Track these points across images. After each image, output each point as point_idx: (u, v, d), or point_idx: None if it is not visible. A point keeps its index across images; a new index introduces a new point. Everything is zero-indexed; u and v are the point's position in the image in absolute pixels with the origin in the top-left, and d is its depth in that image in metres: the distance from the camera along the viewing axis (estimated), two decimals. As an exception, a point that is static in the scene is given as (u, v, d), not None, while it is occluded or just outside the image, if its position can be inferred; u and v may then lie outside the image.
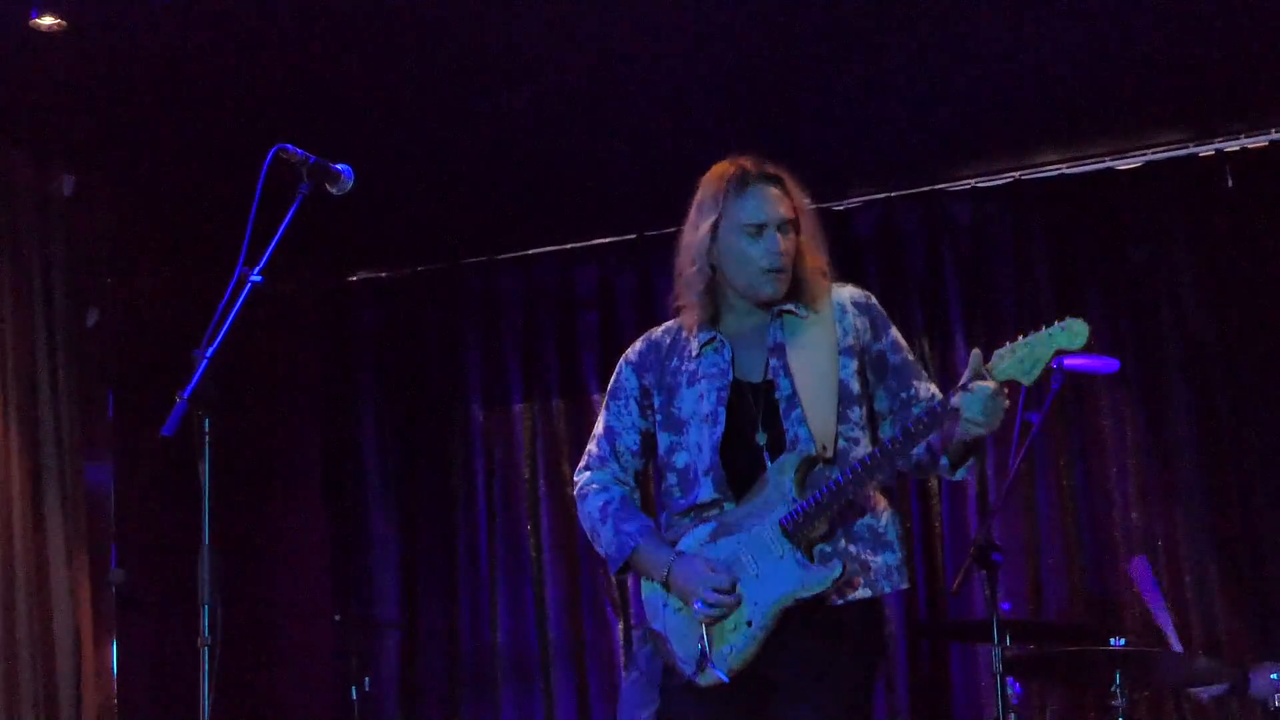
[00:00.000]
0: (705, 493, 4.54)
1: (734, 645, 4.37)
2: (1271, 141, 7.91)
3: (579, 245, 9.15)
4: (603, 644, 8.74)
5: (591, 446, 4.85)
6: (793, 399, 4.46)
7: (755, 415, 4.50)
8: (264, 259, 4.07)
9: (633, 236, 8.98)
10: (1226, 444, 7.84)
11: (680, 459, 4.60)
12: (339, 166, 4.29)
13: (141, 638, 7.91)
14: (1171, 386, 7.96)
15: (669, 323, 4.76)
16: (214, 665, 3.80)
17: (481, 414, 9.33)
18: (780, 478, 4.39)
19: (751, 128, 7.74)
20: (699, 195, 4.64)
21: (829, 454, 4.40)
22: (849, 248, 8.60)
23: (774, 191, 4.57)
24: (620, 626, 8.71)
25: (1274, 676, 5.94)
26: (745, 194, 4.54)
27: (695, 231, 4.60)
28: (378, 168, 5.39)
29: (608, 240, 9.07)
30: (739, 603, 4.36)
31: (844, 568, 4.29)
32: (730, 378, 4.55)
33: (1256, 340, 7.83)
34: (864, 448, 4.45)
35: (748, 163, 4.61)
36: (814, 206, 4.79)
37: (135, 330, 8.03)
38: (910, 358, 4.71)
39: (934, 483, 8.32)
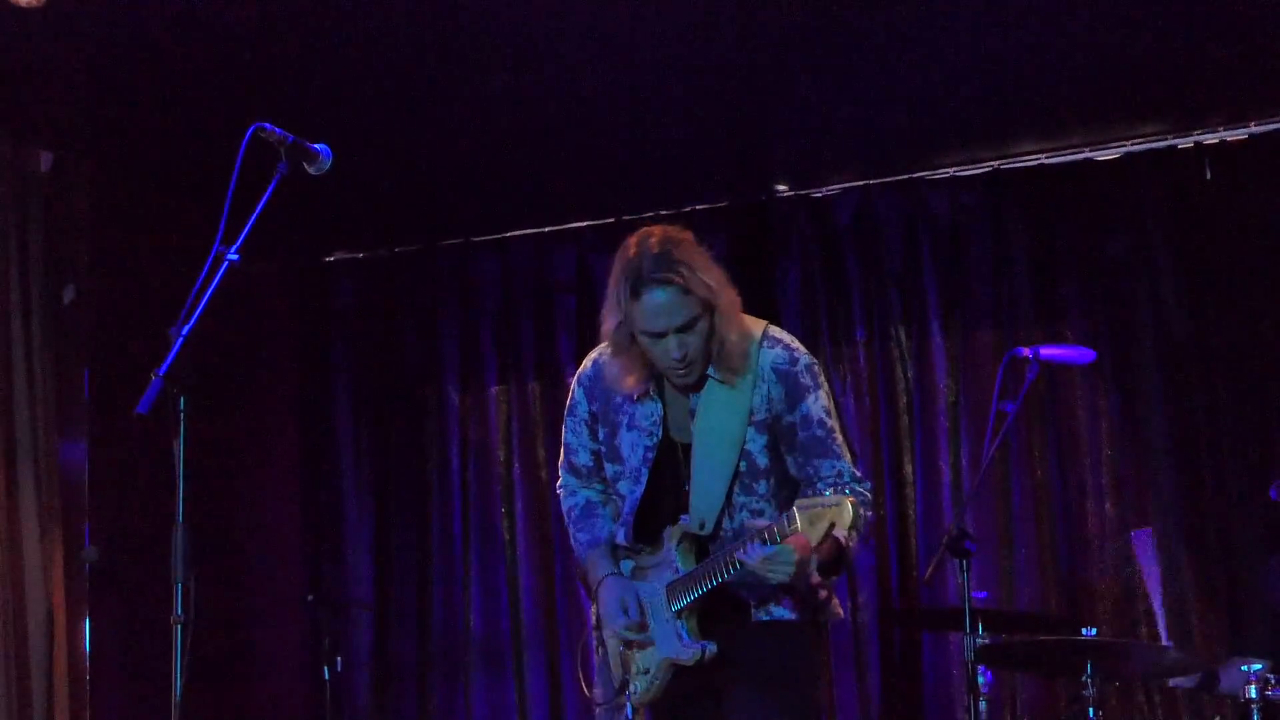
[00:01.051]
0: (621, 538, 4.76)
1: (638, 686, 4.61)
2: (1250, 135, 7.92)
3: (556, 229, 9.15)
4: (575, 627, 8.74)
5: (563, 448, 5.03)
6: (689, 471, 4.58)
7: (677, 475, 4.64)
8: (241, 238, 4.06)
9: (611, 220, 8.97)
10: (1201, 435, 7.86)
11: (621, 485, 4.79)
12: (317, 146, 4.28)
13: (114, 615, 7.89)
14: (1147, 378, 7.98)
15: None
16: (186, 643, 3.80)
17: (457, 396, 9.33)
18: (670, 543, 4.56)
19: (730, 114, 7.74)
20: (611, 279, 4.56)
21: (706, 531, 4.52)
22: (827, 236, 8.62)
23: (668, 297, 4.41)
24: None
25: (1244, 669, 5.95)
26: (640, 301, 4.43)
27: (609, 319, 4.58)
28: (356, 148, 5.38)
29: (585, 224, 9.06)
30: (650, 643, 4.60)
31: (704, 651, 4.45)
32: (658, 438, 4.64)
33: (1233, 333, 7.85)
34: (769, 517, 4.43)
35: (643, 260, 4.43)
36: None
37: (112, 308, 8.00)
38: (820, 432, 4.60)
39: (908, 470, 8.34)
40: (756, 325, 4.64)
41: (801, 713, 4.59)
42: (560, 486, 5.09)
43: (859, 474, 4.67)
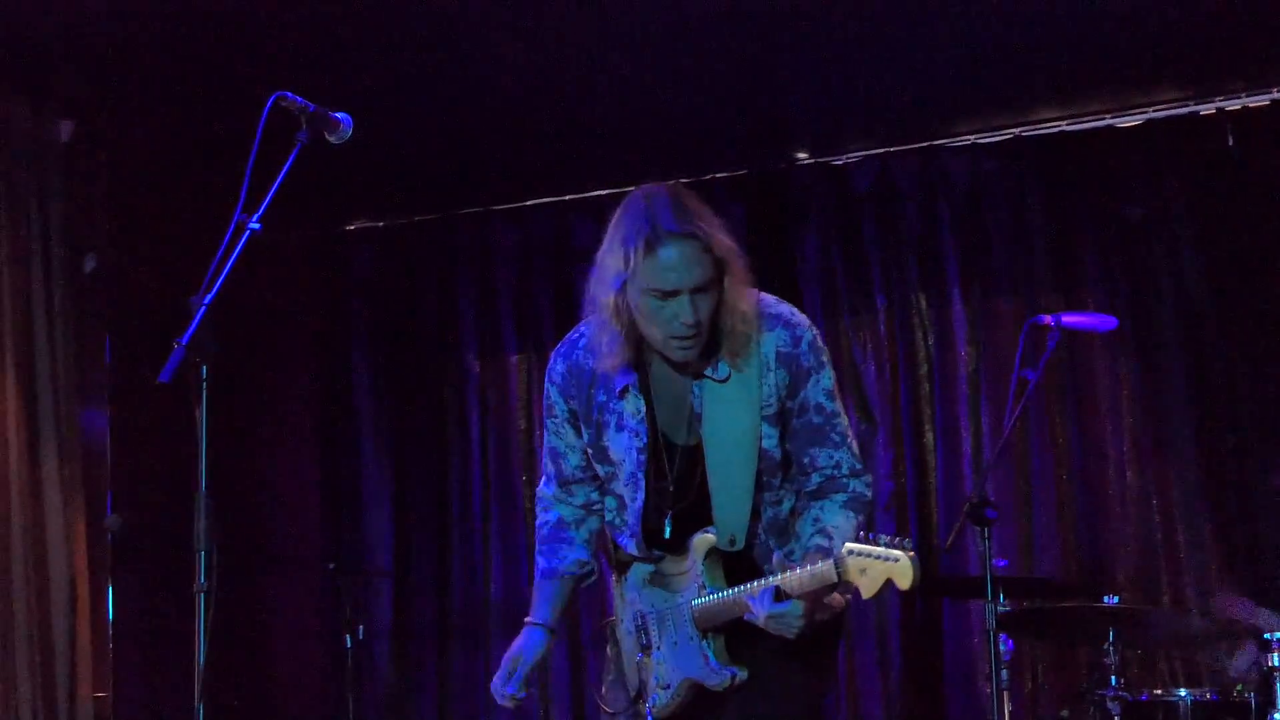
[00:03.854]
0: (631, 549, 4.43)
1: (657, 697, 4.35)
2: (1273, 101, 7.88)
3: (575, 197, 9.14)
4: (595, 595, 8.74)
5: (543, 457, 4.70)
6: (707, 481, 4.22)
7: (676, 478, 4.29)
8: (262, 207, 4.05)
9: (630, 189, 8.93)
10: (1221, 402, 7.85)
11: (616, 487, 4.42)
12: (338, 115, 4.27)
13: (136, 583, 7.93)
14: (1168, 345, 7.96)
15: (587, 335, 4.40)
16: (209, 612, 3.80)
17: (477, 364, 9.34)
18: (696, 556, 4.24)
19: (749, 81, 7.72)
20: (611, 233, 4.24)
21: (737, 547, 4.19)
22: (846, 203, 8.61)
23: (689, 252, 4.02)
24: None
25: (1267, 635, 5.95)
26: (655, 255, 4.02)
27: (603, 279, 4.21)
28: (376, 117, 5.36)
29: (604, 192, 9.04)
30: (663, 662, 4.37)
31: (735, 677, 4.18)
32: (646, 439, 4.28)
33: (1253, 300, 7.83)
34: (787, 505, 4.30)
35: (659, 211, 4.10)
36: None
37: (132, 277, 8.02)
38: (818, 419, 4.25)
39: (929, 438, 8.33)
40: (752, 298, 4.20)
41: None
42: (537, 498, 4.74)
43: (859, 465, 4.31)
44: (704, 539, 4.21)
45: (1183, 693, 6.15)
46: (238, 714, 8.35)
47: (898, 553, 3.84)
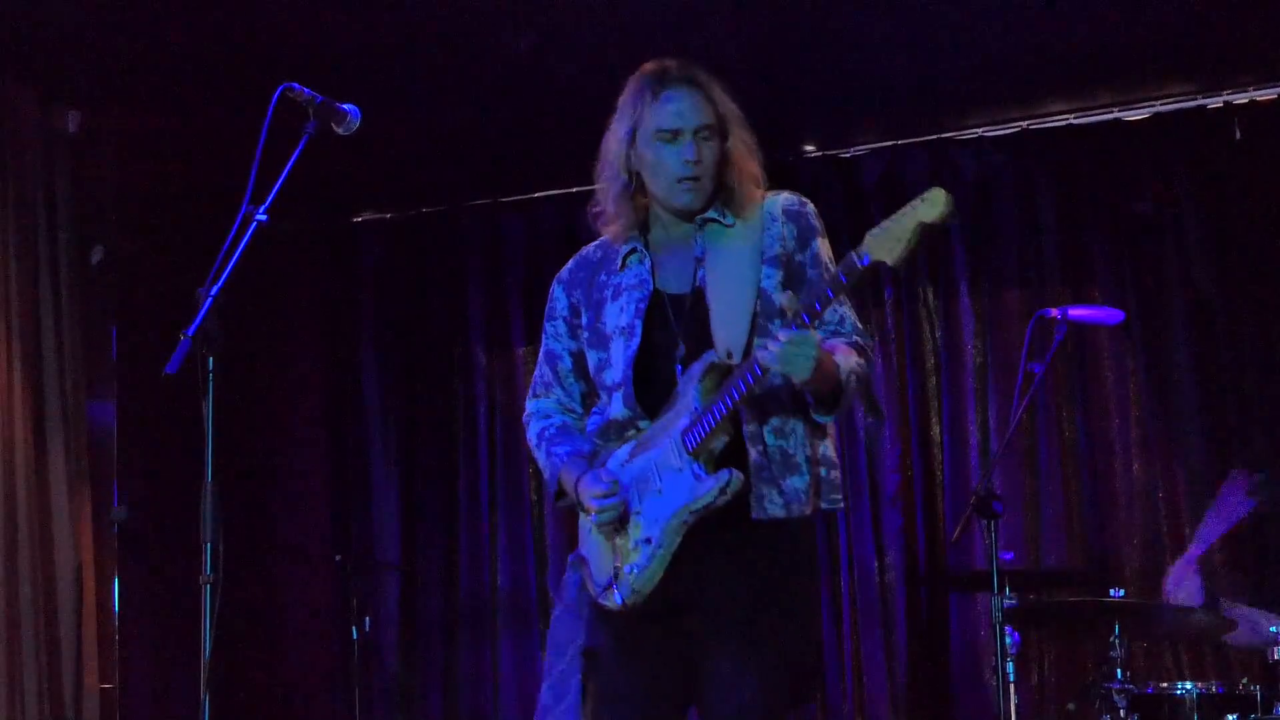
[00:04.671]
0: (616, 409, 4.33)
1: (635, 564, 4.18)
2: (1280, 94, 7.89)
3: (584, 189, 9.09)
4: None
5: (536, 371, 4.70)
6: (708, 307, 4.20)
7: (676, 327, 4.25)
8: (269, 198, 4.06)
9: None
10: (1229, 396, 7.85)
11: (607, 376, 4.37)
12: (345, 106, 4.28)
13: (143, 575, 7.94)
14: (1175, 338, 7.96)
15: (604, 236, 4.58)
16: (215, 603, 3.81)
17: (484, 356, 9.33)
18: (687, 387, 4.14)
19: (757, 72, 7.71)
20: (622, 100, 4.47)
21: (734, 360, 4.10)
22: (854, 196, 8.60)
23: (693, 95, 4.29)
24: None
25: (1273, 629, 5.95)
26: (661, 98, 4.30)
27: (613, 137, 4.48)
28: (383, 108, 5.37)
29: (612, 184, 9.05)
30: (622, 506, 4.18)
31: (731, 476, 4.01)
32: (650, 289, 4.31)
33: (1260, 292, 7.83)
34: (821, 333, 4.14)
35: (669, 63, 4.37)
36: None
37: (139, 268, 8.03)
38: (827, 275, 4.19)
39: (935, 431, 8.33)
40: (757, 169, 4.41)
41: (786, 663, 4.12)
42: (529, 413, 4.71)
43: (861, 326, 4.30)
44: (695, 367, 4.15)
45: (1189, 685, 6.14)
46: (244, 706, 8.37)
47: (920, 197, 3.86)
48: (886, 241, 3.87)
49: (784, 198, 4.37)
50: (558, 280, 4.64)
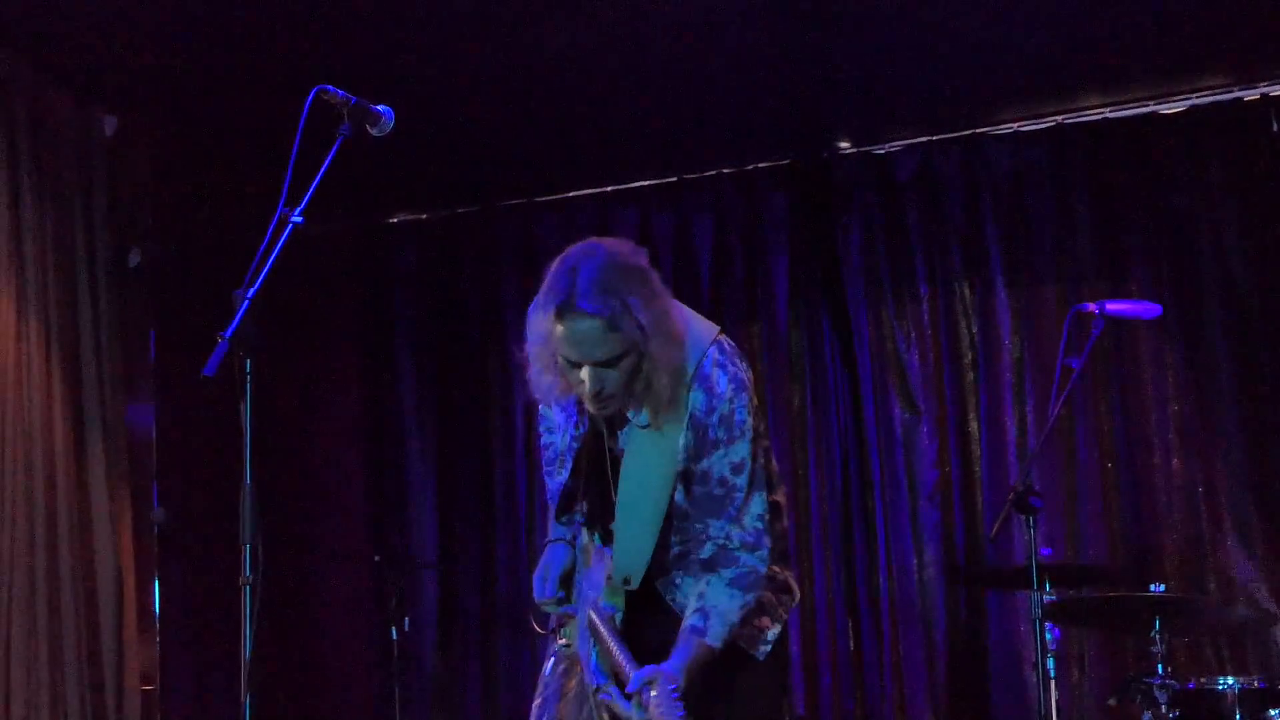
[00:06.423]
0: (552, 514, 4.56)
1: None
2: (1318, 87, 7.86)
3: (618, 188, 9.14)
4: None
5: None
6: (614, 515, 4.25)
7: (602, 480, 4.34)
8: (305, 200, 4.06)
9: (673, 179, 8.97)
10: (1267, 389, 7.82)
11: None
12: (380, 108, 4.28)
13: (183, 576, 7.96)
14: (1213, 332, 7.93)
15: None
16: (255, 604, 3.81)
17: (520, 355, 9.31)
18: (602, 568, 4.30)
19: (792, 70, 7.71)
20: (544, 283, 4.28)
21: (632, 586, 4.19)
22: (889, 193, 8.59)
23: (593, 331, 4.05)
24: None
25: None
26: (562, 324, 4.11)
27: (534, 331, 4.33)
28: (417, 109, 5.37)
29: (647, 183, 9.05)
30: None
31: (600, 687, 4.13)
32: (584, 429, 4.38)
33: (1299, 286, 7.80)
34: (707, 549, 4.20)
35: (577, 281, 4.12)
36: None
37: (177, 271, 8.05)
38: (718, 491, 4.17)
39: (973, 427, 8.31)
40: (692, 354, 4.19)
41: None
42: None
43: (751, 539, 4.17)
44: (599, 568, 4.30)
45: (1230, 681, 6.11)
46: (285, 706, 8.39)
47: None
48: None
49: (695, 398, 4.18)
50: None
